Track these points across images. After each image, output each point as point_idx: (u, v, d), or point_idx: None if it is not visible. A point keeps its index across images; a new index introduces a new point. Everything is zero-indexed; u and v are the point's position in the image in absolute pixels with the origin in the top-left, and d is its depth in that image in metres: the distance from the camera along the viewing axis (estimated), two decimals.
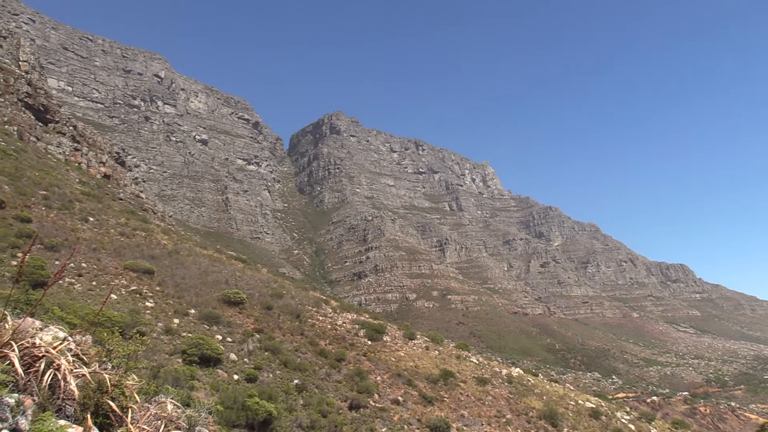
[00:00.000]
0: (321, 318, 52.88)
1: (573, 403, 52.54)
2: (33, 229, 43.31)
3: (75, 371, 6.01)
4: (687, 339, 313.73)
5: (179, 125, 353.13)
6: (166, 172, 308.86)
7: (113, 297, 36.93)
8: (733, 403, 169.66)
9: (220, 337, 37.21)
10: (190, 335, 34.78)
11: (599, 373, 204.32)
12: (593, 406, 53.82)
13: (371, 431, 32.24)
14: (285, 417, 28.35)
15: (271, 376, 34.78)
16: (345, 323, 53.70)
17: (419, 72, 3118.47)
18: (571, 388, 77.74)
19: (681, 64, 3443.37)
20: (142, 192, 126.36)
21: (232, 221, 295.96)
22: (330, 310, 58.09)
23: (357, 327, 53.07)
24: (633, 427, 52.25)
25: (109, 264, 43.62)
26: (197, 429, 7.42)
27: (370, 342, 50.06)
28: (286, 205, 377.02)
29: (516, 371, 60.06)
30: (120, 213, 68.94)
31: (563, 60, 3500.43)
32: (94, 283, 38.57)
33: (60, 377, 5.74)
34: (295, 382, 34.90)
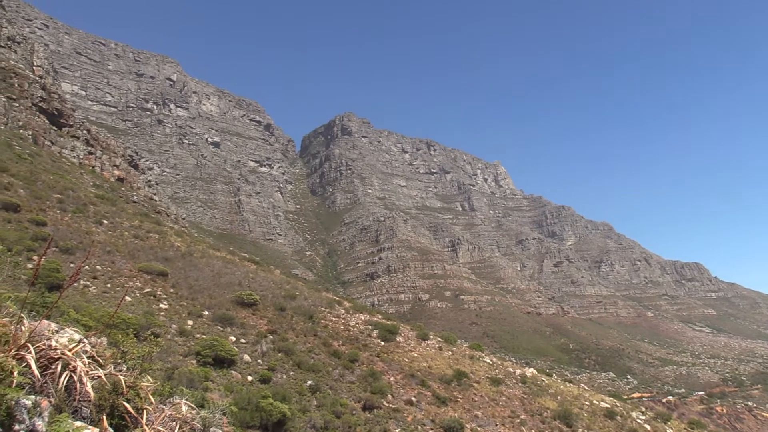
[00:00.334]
0: (334, 319, 52.94)
1: (588, 404, 52.25)
2: (48, 233, 43.67)
3: (90, 373, 6.05)
4: (703, 338, 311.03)
5: (192, 128, 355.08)
6: (179, 174, 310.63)
7: (128, 299, 37.17)
8: (751, 403, 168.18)
9: (233, 339, 37.34)
10: (204, 337, 34.93)
11: (614, 373, 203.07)
12: (608, 406, 53.49)
13: None
14: (299, 418, 28.40)
15: (285, 377, 34.86)
16: (358, 324, 53.72)
17: (430, 72, 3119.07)
18: (586, 388, 77.29)
19: (696, 57, 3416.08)
20: (155, 195, 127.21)
21: (244, 223, 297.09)
22: (343, 311, 58.14)
23: (370, 328, 53.06)
24: (648, 428, 51.85)
25: (124, 266, 43.91)
26: (212, 430, 7.45)
27: (383, 343, 50.04)
28: (298, 207, 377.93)
29: (530, 371, 59.81)
30: (134, 216, 69.39)
31: (576, 57, 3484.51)
32: (108, 286, 38.84)
33: (76, 379, 5.78)
34: (309, 383, 34.96)
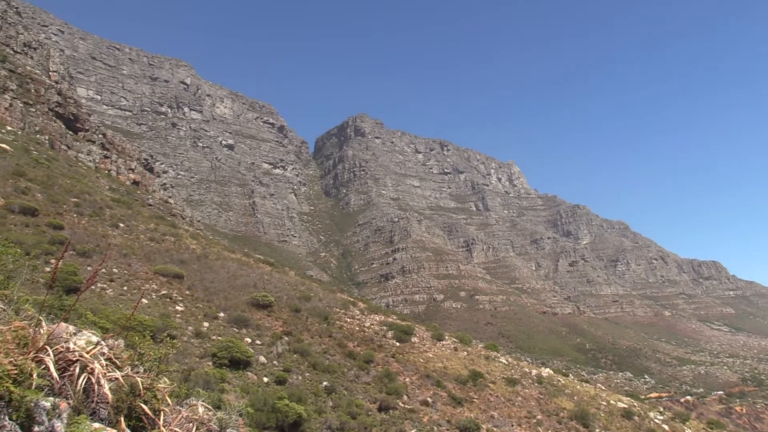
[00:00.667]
0: (349, 320, 53.01)
1: (605, 404, 51.91)
2: (65, 236, 44.09)
3: (108, 375, 6.10)
4: (721, 337, 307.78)
5: (206, 131, 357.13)
6: (193, 177, 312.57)
7: (144, 301, 37.45)
8: None
9: (249, 340, 37.50)
10: (219, 338, 35.12)
11: (631, 373, 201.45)
12: (625, 406, 53.12)
13: None
14: (315, 419, 28.47)
15: (300, 378, 34.96)
16: (373, 325, 53.75)
17: (443, 72, 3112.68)
18: (603, 388, 76.81)
19: (709, 50, 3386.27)
20: (170, 197, 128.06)
21: (259, 225, 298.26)
22: (358, 311, 58.19)
23: (385, 328, 53.07)
24: (667, 428, 51.42)
25: (140, 269, 44.25)
26: (228, 431, 7.48)
27: (398, 343, 50.03)
28: (312, 208, 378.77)
29: (546, 371, 59.53)
30: (149, 218, 69.90)
31: (588, 53, 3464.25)
32: (125, 288, 39.16)
33: (94, 381, 5.83)
34: (324, 383, 35.03)
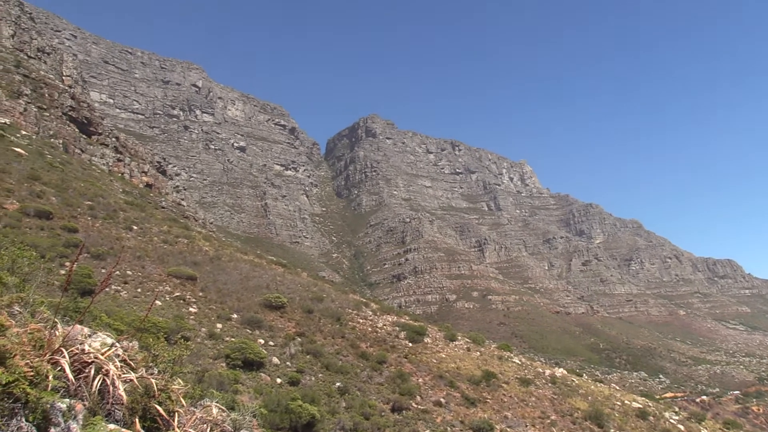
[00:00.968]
0: (361, 321, 53.04)
1: (619, 404, 51.59)
2: (80, 239, 44.45)
3: (123, 376, 6.15)
4: (737, 336, 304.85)
5: (217, 133, 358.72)
6: (206, 179, 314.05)
7: (158, 303, 37.67)
8: None
9: (262, 341, 37.63)
10: (233, 339, 35.26)
11: (646, 373, 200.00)
12: (640, 406, 52.76)
13: None
14: (328, 419, 28.51)
15: (314, 379, 35.03)
16: (385, 325, 53.74)
17: (454, 72, 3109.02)
18: (617, 388, 76.33)
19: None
20: (183, 200, 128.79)
21: (271, 226, 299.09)
22: (370, 312, 58.22)
23: (397, 329, 53.05)
24: (682, 428, 51.02)
25: (153, 271, 44.52)
26: None
27: (410, 344, 50.00)
28: (324, 209, 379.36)
29: (560, 371, 59.26)
30: (162, 221, 70.33)
31: (600, 51, 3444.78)
32: (139, 290, 39.42)
33: (109, 382, 5.88)
34: (337, 384, 35.07)
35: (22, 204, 48.65)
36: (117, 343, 6.73)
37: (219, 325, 38.06)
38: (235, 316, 40.98)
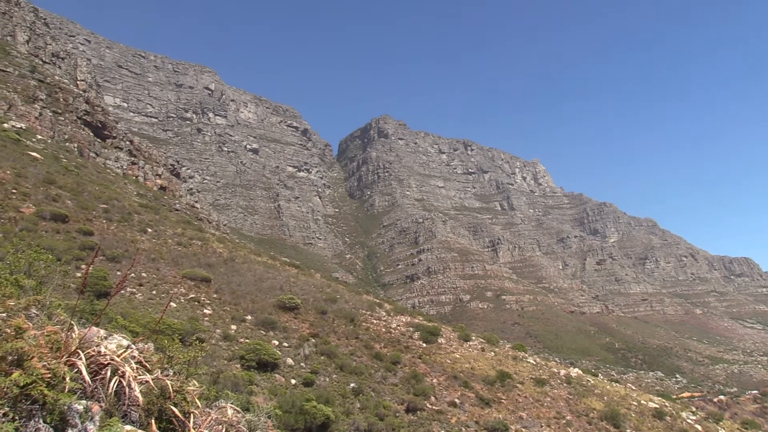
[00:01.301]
0: (375, 321, 53.03)
1: (635, 404, 51.22)
2: (95, 242, 44.80)
3: (139, 378, 6.18)
4: (755, 335, 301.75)
5: (230, 135, 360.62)
6: (219, 181, 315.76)
7: (173, 305, 37.88)
8: None
9: (276, 342, 37.73)
10: (247, 341, 35.38)
11: (662, 372, 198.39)
12: (657, 406, 52.36)
13: None
14: (342, 420, 28.54)
15: (328, 379, 35.08)
16: (399, 326, 53.70)
17: (465, 72, 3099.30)
18: (633, 388, 75.81)
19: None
20: (197, 202, 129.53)
21: (284, 228, 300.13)
22: (384, 313, 58.21)
23: (411, 330, 53.00)
24: (700, 428, 50.57)
25: (168, 273, 44.78)
26: None
27: (424, 344, 49.91)
28: (337, 210, 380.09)
29: (575, 371, 58.94)
30: (176, 223, 70.75)
31: (611, 47, 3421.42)
32: (154, 292, 39.66)
33: (125, 384, 5.92)
34: (352, 385, 35.09)
35: (38, 208, 49.11)
36: (132, 345, 6.77)
37: (233, 327, 38.22)
38: (250, 317, 41.12)
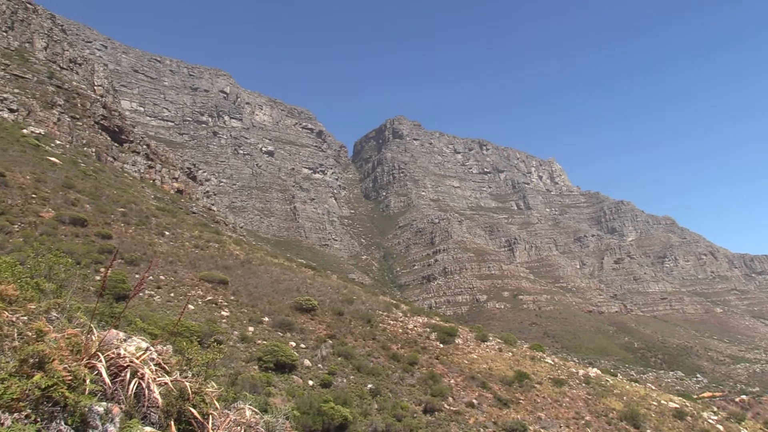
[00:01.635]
0: (392, 322, 53.01)
1: (655, 404, 50.73)
2: (113, 245, 45.21)
3: (158, 380, 6.23)
4: None
5: (246, 138, 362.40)
6: (235, 184, 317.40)
7: (190, 307, 38.14)
8: None
9: (293, 344, 37.84)
10: (264, 342, 35.51)
11: (682, 372, 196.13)
12: (677, 406, 51.81)
13: None
14: (360, 421, 28.55)
15: (345, 381, 35.11)
16: (416, 327, 53.64)
17: (480, 71, 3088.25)
18: (653, 387, 75.11)
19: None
20: (213, 205, 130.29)
21: (300, 229, 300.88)
22: (400, 314, 58.18)
23: (428, 330, 52.91)
24: (721, 428, 49.97)
25: (186, 276, 45.08)
26: None
27: (441, 345, 49.81)
28: (352, 212, 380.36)
29: (593, 371, 58.51)
30: (193, 226, 71.23)
31: (623, 44, 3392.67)
32: (172, 295, 39.95)
33: (144, 386, 5.96)
34: (369, 386, 35.10)
35: (57, 212, 49.69)
36: (151, 347, 6.82)
37: (251, 329, 38.38)
38: (267, 319, 41.27)
